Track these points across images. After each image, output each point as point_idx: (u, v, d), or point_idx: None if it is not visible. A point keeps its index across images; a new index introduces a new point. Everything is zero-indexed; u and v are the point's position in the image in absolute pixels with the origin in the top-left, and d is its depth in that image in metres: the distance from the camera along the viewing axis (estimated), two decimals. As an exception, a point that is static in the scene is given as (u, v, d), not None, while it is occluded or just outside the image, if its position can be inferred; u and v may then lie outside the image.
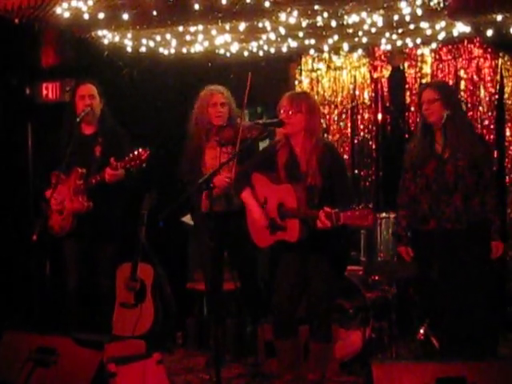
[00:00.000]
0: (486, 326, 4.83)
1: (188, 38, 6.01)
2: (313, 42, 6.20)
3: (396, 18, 5.42)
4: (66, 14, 5.46)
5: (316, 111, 4.61)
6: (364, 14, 5.39)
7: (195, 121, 5.37)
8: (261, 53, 6.44)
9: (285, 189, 4.50)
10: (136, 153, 5.05)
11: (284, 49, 6.35)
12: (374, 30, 5.71)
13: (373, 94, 6.68)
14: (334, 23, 5.58)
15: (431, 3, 5.14)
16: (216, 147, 5.26)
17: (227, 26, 5.70)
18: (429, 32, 5.79)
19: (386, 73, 6.62)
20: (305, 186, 4.45)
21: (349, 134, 6.78)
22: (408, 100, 6.50)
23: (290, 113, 4.48)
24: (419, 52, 6.43)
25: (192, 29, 5.81)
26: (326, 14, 5.41)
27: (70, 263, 5.50)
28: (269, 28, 5.72)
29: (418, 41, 6.08)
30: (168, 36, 6.01)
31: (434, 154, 4.81)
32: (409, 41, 6.10)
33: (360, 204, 4.27)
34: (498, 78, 6.21)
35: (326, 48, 6.41)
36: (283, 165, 4.56)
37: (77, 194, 5.31)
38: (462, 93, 6.32)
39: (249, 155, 4.95)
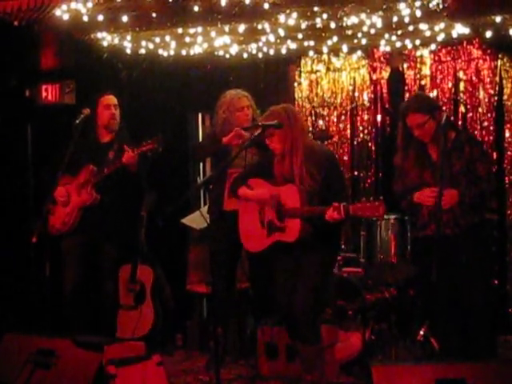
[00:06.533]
0: (484, 327, 4.84)
1: (187, 39, 6.01)
2: (312, 43, 6.20)
3: (395, 19, 5.41)
4: (66, 16, 5.46)
5: (295, 123, 4.56)
6: (363, 16, 5.39)
7: (222, 125, 5.42)
8: (260, 54, 6.44)
9: (287, 189, 4.53)
10: (149, 140, 5.28)
11: (283, 50, 6.35)
12: (373, 31, 5.70)
13: (372, 96, 6.68)
14: (333, 25, 5.58)
15: (430, 5, 5.13)
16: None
17: (226, 28, 5.70)
18: (428, 33, 5.78)
19: (386, 74, 6.61)
20: (304, 188, 4.48)
21: (348, 136, 6.77)
22: (407, 102, 6.49)
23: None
24: (418, 53, 6.43)
25: (191, 30, 5.81)
26: (325, 16, 5.41)
27: (70, 261, 5.53)
28: (268, 30, 5.72)
29: (417, 42, 6.08)
30: (167, 38, 6.01)
31: (429, 163, 4.81)
32: (408, 42, 6.09)
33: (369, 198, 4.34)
34: (497, 79, 6.21)
35: (325, 49, 6.40)
36: (281, 174, 4.59)
37: (84, 187, 5.39)
38: (462, 94, 6.32)
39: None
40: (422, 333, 5.30)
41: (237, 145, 5.24)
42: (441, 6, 5.13)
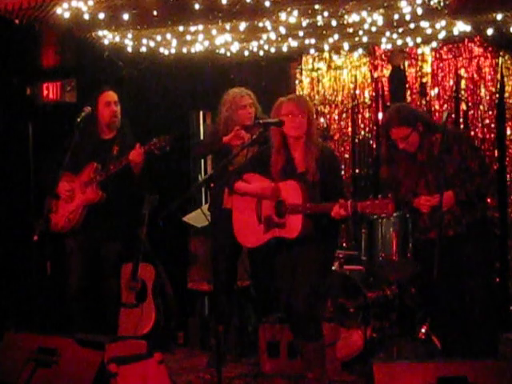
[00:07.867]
0: (486, 325, 4.83)
1: (188, 37, 6.01)
2: (313, 41, 6.20)
3: (396, 17, 5.42)
4: (67, 15, 5.46)
5: (314, 115, 4.70)
6: (364, 13, 5.40)
7: (225, 123, 5.43)
8: (261, 52, 6.44)
9: (287, 185, 4.51)
10: (159, 138, 5.22)
11: (284, 48, 6.35)
12: (374, 29, 5.71)
13: (373, 94, 6.67)
14: (334, 22, 5.58)
15: (431, 2, 5.13)
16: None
17: (227, 26, 5.70)
18: (429, 31, 5.79)
19: (387, 72, 6.61)
20: (306, 183, 4.48)
21: (349, 134, 6.78)
22: (409, 99, 6.49)
23: (299, 117, 4.52)
24: (420, 51, 6.43)
25: (192, 28, 5.81)
26: (326, 14, 5.41)
27: (74, 261, 5.52)
28: (269, 27, 5.72)
29: (419, 40, 6.08)
30: (168, 36, 6.01)
31: (421, 170, 4.79)
32: (409, 40, 6.10)
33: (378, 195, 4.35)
34: (499, 76, 6.20)
35: (326, 47, 6.40)
36: (279, 169, 4.59)
37: (89, 185, 5.38)
38: (463, 92, 6.32)
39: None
40: (423, 331, 5.31)
41: (236, 145, 5.24)
42: (442, 4, 5.13)
